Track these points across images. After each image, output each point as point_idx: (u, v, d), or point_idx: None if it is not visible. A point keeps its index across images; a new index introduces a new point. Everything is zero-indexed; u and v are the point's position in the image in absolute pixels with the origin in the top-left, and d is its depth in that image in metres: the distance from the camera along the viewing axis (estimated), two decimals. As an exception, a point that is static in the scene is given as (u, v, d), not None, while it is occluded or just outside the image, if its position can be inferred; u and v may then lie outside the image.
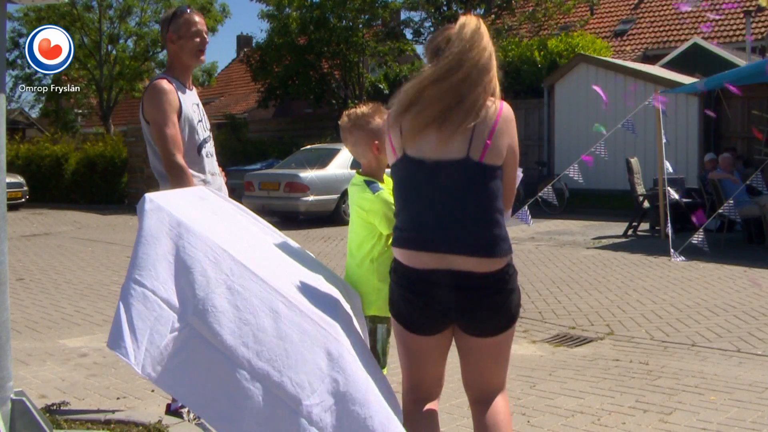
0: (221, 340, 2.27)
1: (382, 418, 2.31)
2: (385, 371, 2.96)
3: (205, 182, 3.53)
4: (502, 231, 2.40)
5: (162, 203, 2.43)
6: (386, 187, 2.93)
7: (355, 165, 13.56)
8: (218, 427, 2.30)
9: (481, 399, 2.56)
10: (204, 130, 3.69)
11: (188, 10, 3.60)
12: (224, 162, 4.92)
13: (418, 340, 2.51)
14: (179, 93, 3.52)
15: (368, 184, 2.88)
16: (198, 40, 3.57)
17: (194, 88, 3.75)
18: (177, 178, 3.40)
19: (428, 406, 2.61)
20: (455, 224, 2.37)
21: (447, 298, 2.40)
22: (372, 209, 2.82)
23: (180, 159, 3.43)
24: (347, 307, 2.69)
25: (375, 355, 2.86)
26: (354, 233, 2.92)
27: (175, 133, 3.43)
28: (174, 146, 3.42)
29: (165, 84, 3.49)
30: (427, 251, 2.38)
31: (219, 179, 3.72)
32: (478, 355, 2.53)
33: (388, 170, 2.77)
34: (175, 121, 3.45)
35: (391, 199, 2.72)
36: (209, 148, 3.71)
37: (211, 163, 3.68)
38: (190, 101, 3.62)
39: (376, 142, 2.86)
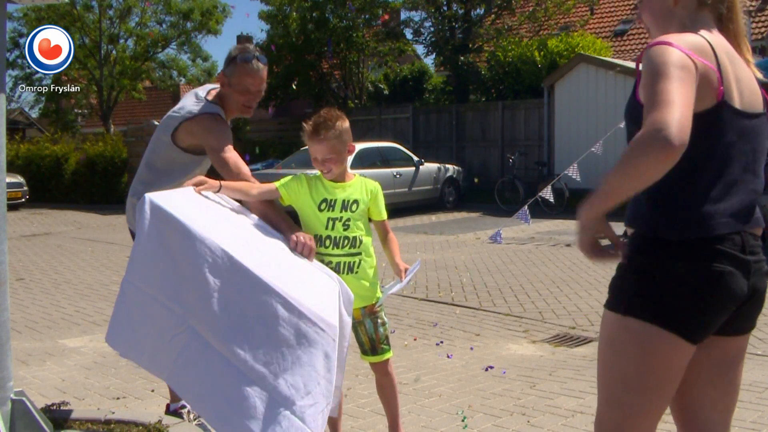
0: (220, 341, 2.28)
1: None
2: (389, 354, 3.07)
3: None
4: None
5: (162, 204, 2.43)
6: (345, 187, 3.02)
7: (354, 165, 13.56)
8: (217, 425, 2.32)
9: None
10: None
11: (251, 60, 3.22)
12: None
13: (688, 353, 1.90)
14: None
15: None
16: (244, 98, 3.29)
17: (230, 124, 3.53)
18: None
19: None
20: None
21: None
22: None
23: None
24: (343, 306, 2.70)
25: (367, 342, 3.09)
26: None
27: (237, 158, 3.16)
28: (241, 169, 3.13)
29: (221, 118, 3.29)
30: None
31: None
32: (738, 366, 2.04)
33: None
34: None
35: (286, 179, 2.99)
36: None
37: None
38: None
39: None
